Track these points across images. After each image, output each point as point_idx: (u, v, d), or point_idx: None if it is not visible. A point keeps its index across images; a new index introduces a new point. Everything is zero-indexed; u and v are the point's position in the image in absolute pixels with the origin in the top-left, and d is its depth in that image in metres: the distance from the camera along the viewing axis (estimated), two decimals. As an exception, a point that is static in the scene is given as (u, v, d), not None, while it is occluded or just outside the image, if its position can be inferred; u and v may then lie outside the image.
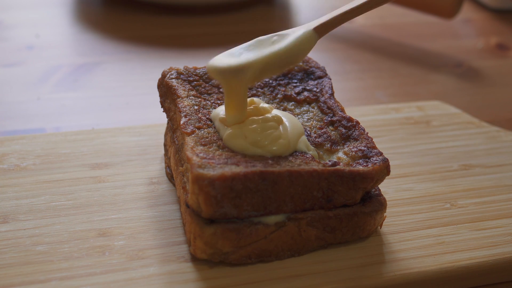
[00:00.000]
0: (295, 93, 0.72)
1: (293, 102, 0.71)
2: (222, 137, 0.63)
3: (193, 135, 0.63)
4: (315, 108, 0.70)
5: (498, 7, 1.26)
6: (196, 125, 0.64)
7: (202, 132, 0.64)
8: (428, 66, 1.07)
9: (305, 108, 0.70)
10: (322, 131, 0.67)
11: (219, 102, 0.69)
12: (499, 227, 0.66)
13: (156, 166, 0.72)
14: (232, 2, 1.18)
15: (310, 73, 0.74)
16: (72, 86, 0.95)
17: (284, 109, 0.70)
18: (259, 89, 0.72)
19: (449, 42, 1.16)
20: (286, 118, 0.66)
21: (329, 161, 0.63)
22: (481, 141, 0.80)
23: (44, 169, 0.71)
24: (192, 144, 0.61)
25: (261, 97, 0.71)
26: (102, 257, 0.60)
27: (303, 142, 0.64)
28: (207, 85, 0.71)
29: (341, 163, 0.62)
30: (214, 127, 0.65)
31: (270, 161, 0.60)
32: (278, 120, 0.64)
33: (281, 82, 0.73)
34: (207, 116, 0.66)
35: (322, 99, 0.70)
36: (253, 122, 0.64)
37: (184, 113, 0.65)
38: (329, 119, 0.68)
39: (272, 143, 0.62)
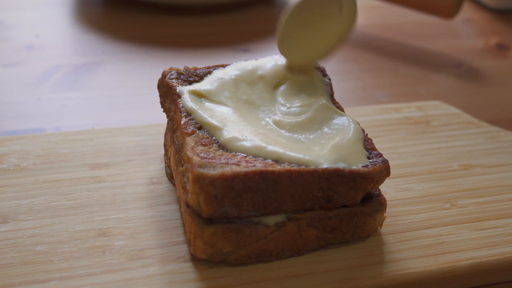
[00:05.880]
0: (295, 93, 0.71)
1: (293, 102, 0.71)
2: (218, 139, 0.63)
3: (193, 135, 0.63)
4: (315, 108, 0.70)
5: (498, 7, 1.26)
6: (197, 125, 0.64)
7: (203, 132, 0.64)
8: (428, 66, 1.07)
9: (305, 108, 0.70)
10: (322, 131, 0.67)
11: (219, 102, 0.69)
12: (499, 227, 0.66)
13: (156, 166, 0.72)
14: (232, 2, 1.18)
15: (310, 73, 0.73)
16: (72, 86, 0.95)
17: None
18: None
19: (449, 42, 1.16)
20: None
21: (329, 161, 0.63)
22: (481, 141, 0.80)
23: (44, 169, 0.71)
24: (192, 144, 0.61)
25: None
26: (102, 257, 0.60)
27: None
28: (207, 85, 0.71)
29: (341, 164, 0.62)
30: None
31: (270, 161, 0.60)
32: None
33: (281, 82, 0.73)
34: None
35: (322, 99, 0.70)
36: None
37: (184, 113, 0.65)
38: (329, 119, 0.68)
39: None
